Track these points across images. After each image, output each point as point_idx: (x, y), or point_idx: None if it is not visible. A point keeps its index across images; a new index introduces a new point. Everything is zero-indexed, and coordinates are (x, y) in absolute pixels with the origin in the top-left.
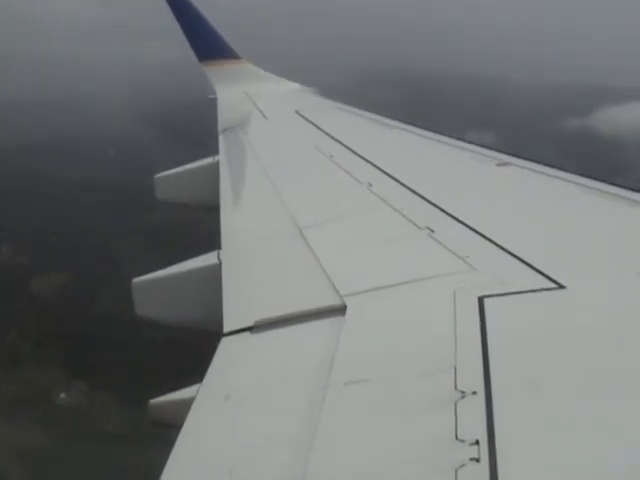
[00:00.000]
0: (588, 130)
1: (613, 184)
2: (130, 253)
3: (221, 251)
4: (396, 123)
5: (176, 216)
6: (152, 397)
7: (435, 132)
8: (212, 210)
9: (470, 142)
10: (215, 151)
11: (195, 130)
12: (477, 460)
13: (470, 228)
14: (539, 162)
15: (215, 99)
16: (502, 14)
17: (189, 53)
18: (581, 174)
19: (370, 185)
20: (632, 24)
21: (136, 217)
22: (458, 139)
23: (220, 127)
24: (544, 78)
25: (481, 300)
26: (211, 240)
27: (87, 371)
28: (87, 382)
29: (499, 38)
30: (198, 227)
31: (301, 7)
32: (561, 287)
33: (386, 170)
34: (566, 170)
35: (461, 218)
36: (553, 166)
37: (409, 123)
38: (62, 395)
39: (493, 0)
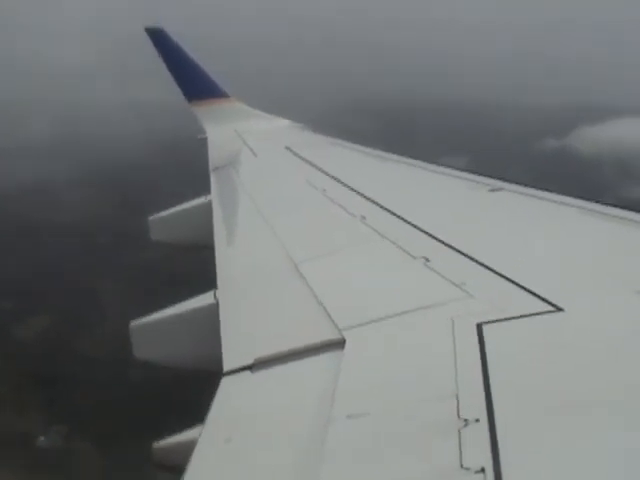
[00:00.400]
0: (567, 150)
1: (606, 204)
2: (123, 295)
3: (217, 290)
4: (387, 155)
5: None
6: (132, 439)
7: (427, 162)
8: (207, 249)
9: (462, 169)
10: (207, 190)
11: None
12: None
13: (466, 255)
14: (531, 186)
15: (205, 139)
16: (484, 39)
17: (173, 92)
18: (574, 196)
19: (364, 218)
20: (611, 44)
21: (130, 258)
22: (450, 167)
23: (211, 166)
24: (526, 100)
25: (480, 327)
26: (207, 280)
27: (67, 414)
28: (67, 425)
29: (481, 63)
30: (194, 267)
31: (278, 41)
32: (559, 310)
33: (379, 202)
34: (558, 192)
35: (456, 246)
36: (545, 189)
37: (400, 154)
38: (42, 438)
39: (474, 25)
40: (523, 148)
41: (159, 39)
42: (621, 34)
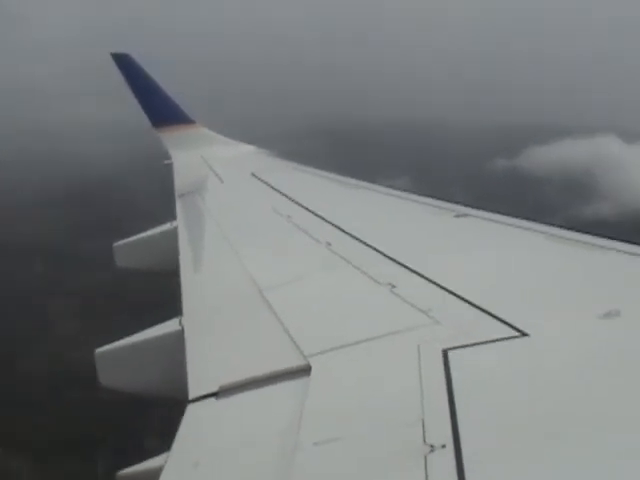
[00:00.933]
0: (516, 170)
1: (572, 229)
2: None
3: (183, 317)
4: (352, 181)
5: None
6: (72, 462)
7: (392, 188)
8: (172, 276)
9: (428, 195)
10: (172, 217)
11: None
12: None
13: (431, 281)
14: (497, 212)
15: (170, 164)
16: (438, 61)
17: (130, 114)
18: (539, 222)
19: (329, 244)
20: (560, 66)
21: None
22: (416, 194)
23: (177, 192)
24: (477, 119)
25: (445, 352)
26: (172, 306)
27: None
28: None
29: (435, 83)
30: (159, 294)
31: (233, 59)
32: (525, 335)
33: (344, 228)
34: (523, 218)
35: (422, 272)
36: (510, 215)
37: (366, 180)
38: None
39: (427, 46)
40: (472, 167)
41: (125, 64)
42: (573, 55)
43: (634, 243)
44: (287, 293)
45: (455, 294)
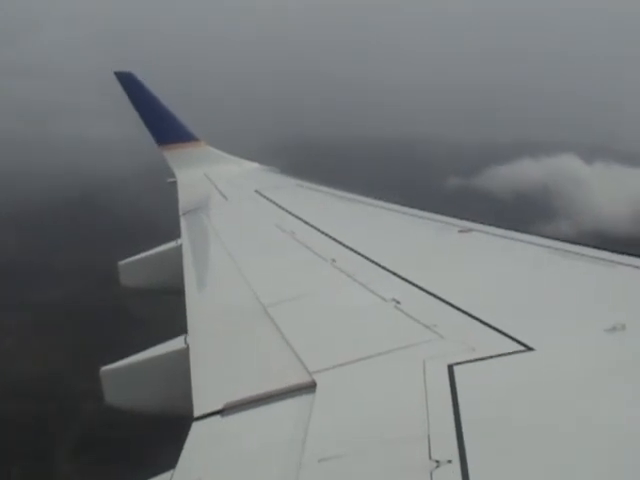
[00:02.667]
0: (474, 188)
1: (575, 243)
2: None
3: (188, 335)
4: (356, 197)
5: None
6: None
7: (396, 203)
8: (177, 294)
9: (432, 212)
10: (177, 235)
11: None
12: None
13: (436, 297)
14: (501, 227)
15: (174, 182)
16: (410, 75)
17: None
18: (543, 236)
19: (334, 261)
20: (534, 82)
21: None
22: (420, 209)
23: (181, 210)
24: (441, 137)
25: (451, 368)
26: (177, 324)
27: None
28: None
29: (408, 98)
30: (164, 312)
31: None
32: (530, 349)
33: (349, 245)
34: (529, 233)
35: (427, 287)
36: (515, 230)
37: (368, 196)
38: None
39: (399, 61)
40: (428, 186)
41: (128, 83)
42: (541, 71)
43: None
44: (292, 310)
45: (460, 309)
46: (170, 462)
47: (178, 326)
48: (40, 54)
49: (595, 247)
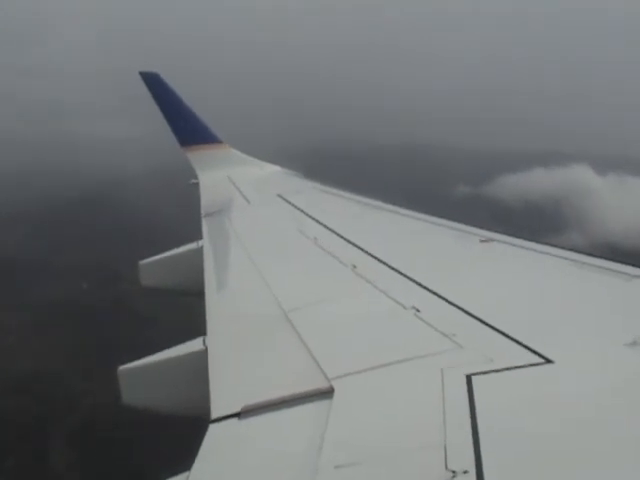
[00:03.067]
0: (485, 198)
1: (597, 256)
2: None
3: (207, 337)
4: (378, 203)
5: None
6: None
7: (417, 211)
8: (197, 295)
9: (453, 220)
10: (198, 236)
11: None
12: None
13: (456, 306)
14: (522, 238)
15: (197, 184)
16: (423, 79)
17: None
18: (565, 248)
19: (354, 267)
20: (538, 91)
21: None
22: (439, 217)
23: (203, 212)
24: (460, 143)
25: (469, 378)
26: (196, 325)
27: None
28: None
29: (421, 104)
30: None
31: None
32: (549, 362)
33: (370, 251)
34: (550, 244)
35: (447, 296)
36: (537, 241)
37: (391, 202)
38: None
39: (413, 65)
40: (443, 191)
41: (153, 84)
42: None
43: None
44: (312, 315)
45: (479, 319)
46: (185, 464)
47: (197, 327)
48: (48, 54)
49: (615, 260)
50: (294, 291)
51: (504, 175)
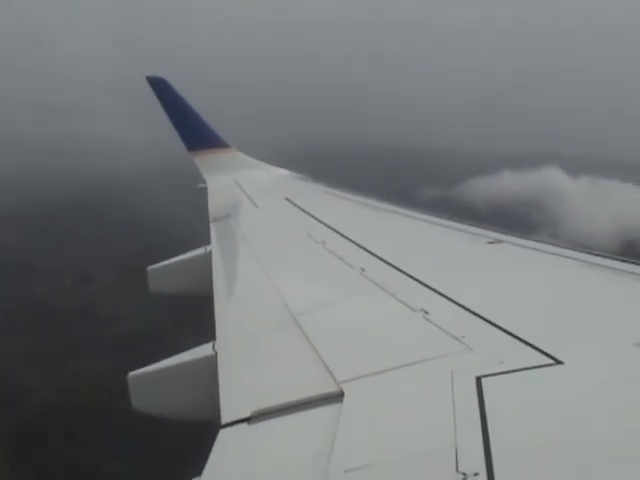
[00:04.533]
0: (454, 200)
1: (607, 256)
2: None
3: (216, 342)
4: (386, 206)
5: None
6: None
7: (425, 213)
8: (206, 300)
9: (461, 221)
10: (207, 241)
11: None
12: None
13: (465, 308)
14: (531, 239)
15: (204, 188)
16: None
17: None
18: (574, 248)
19: (363, 270)
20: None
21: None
22: (447, 219)
23: (211, 216)
24: (428, 146)
25: (479, 380)
26: (206, 331)
27: None
28: None
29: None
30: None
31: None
32: (559, 363)
33: (378, 254)
34: (559, 245)
35: (455, 298)
36: (545, 242)
37: (398, 205)
38: None
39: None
40: (409, 193)
41: (160, 88)
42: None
43: None
44: (320, 319)
45: (489, 321)
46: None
47: (206, 332)
48: (57, 57)
49: (625, 260)
50: (303, 295)
51: (473, 177)
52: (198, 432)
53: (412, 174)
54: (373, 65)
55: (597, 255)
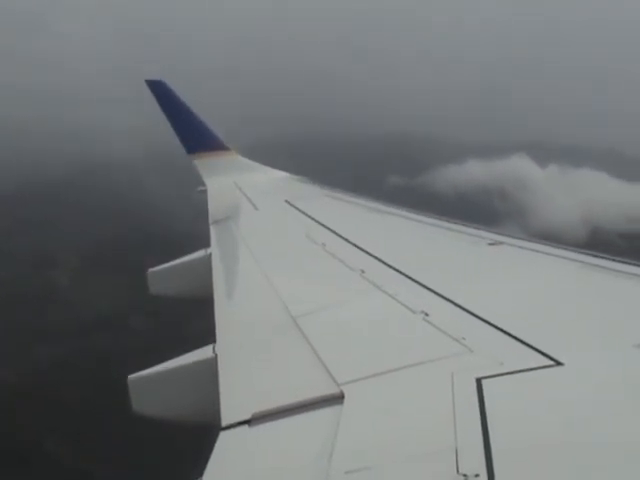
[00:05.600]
0: (420, 188)
1: (607, 258)
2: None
3: (216, 344)
4: (386, 207)
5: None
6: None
7: (424, 215)
8: (206, 303)
9: (461, 223)
10: (206, 243)
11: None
12: None
13: (465, 310)
14: (532, 240)
15: (204, 191)
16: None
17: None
18: (574, 250)
19: (363, 272)
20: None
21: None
22: (449, 221)
23: (211, 219)
24: (394, 133)
25: (479, 381)
26: (206, 333)
27: None
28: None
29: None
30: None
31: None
32: (559, 364)
33: (378, 256)
34: (559, 247)
35: (456, 300)
36: (545, 243)
37: (398, 207)
38: None
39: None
40: (374, 182)
41: (159, 91)
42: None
43: None
44: (321, 321)
45: (489, 322)
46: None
47: (206, 335)
48: (52, 45)
49: (624, 262)
50: (303, 297)
51: (440, 166)
52: (198, 434)
53: (384, 162)
54: (357, 52)
55: (597, 257)
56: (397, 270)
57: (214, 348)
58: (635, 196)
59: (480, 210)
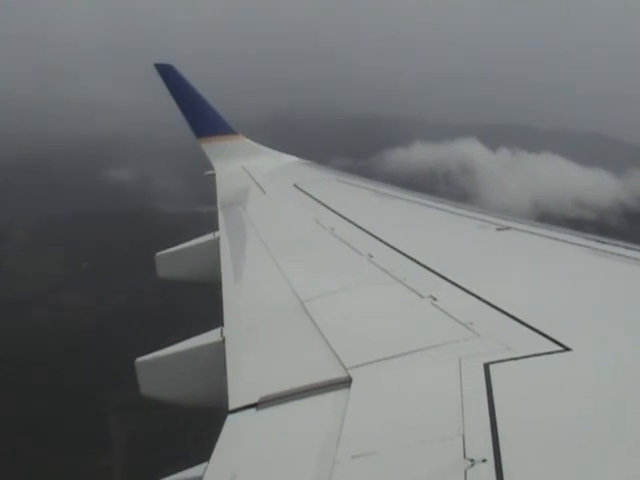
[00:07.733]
0: (363, 169)
1: (616, 244)
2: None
3: (224, 327)
4: (394, 192)
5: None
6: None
7: (434, 200)
8: (214, 286)
9: (470, 208)
10: (215, 227)
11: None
12: None
13: (473, 295)
14: (540, 226)
15: (212, 175)
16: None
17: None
18: (583, 236)
19: (371, 256)
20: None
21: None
22: (457, 206)
23: (219, 203)
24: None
25: (487, 366)
26: (214, 316)
27: None
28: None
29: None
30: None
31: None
32: (567, 349)
33: (386, 240)
34: (567, 232)
35: (464, 285)
36: (553, 228)
37: (407, 191)
38: None
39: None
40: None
41: (168, 75)
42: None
43: None
44: (328, 305)
45: (497, 307)
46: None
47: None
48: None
49: (633, 248)
50: (311, 281)
51: (386, 148)
52: (206, 417)
53: (339, 143)
54: (347, 34)
55: (606, 242)
56: (405, 255)
57: (222, 331)
58: (586, 181)
59: (427, 193)
